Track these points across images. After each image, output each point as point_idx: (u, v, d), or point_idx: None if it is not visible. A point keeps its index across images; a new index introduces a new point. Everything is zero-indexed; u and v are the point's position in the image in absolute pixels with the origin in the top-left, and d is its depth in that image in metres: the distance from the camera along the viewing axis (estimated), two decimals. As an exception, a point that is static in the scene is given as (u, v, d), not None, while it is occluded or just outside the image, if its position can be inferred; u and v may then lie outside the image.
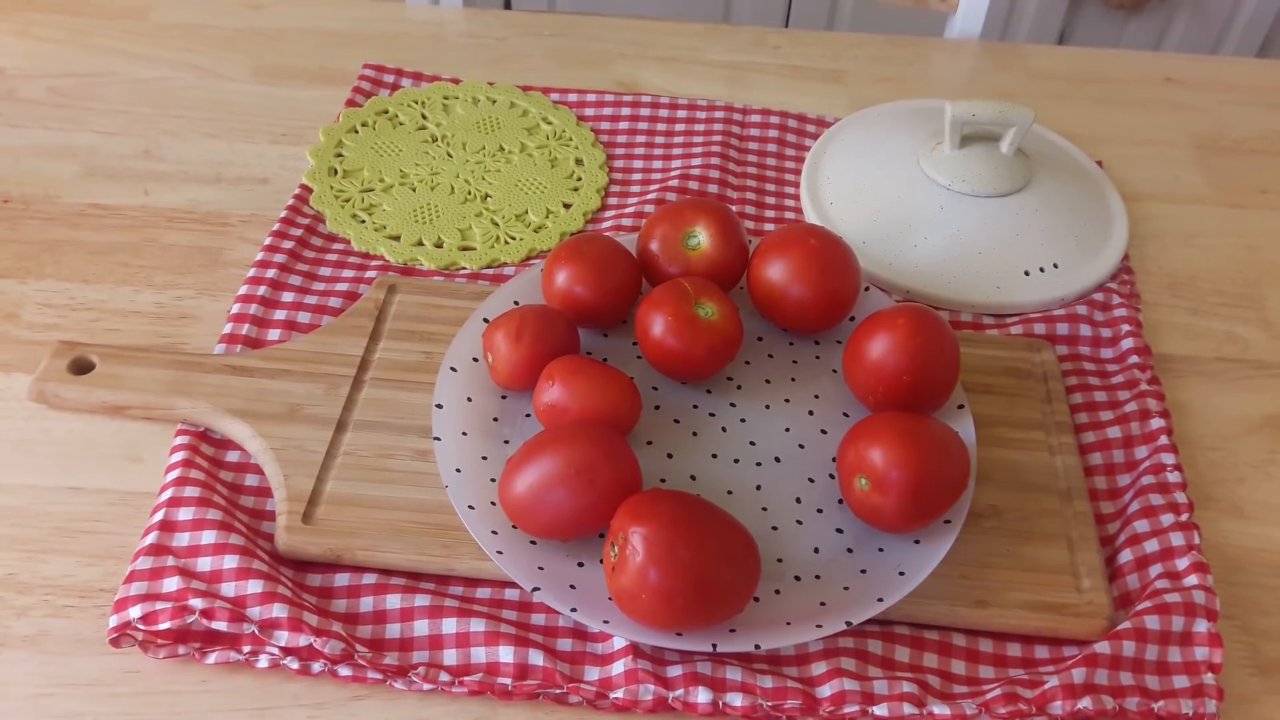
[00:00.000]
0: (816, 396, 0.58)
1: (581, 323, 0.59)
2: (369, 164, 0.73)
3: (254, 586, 0.49)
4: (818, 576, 0.51)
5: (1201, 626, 0.50)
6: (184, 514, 0.52)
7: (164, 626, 0.48)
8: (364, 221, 0.69)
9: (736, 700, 0.48)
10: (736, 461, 0.55)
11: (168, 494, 0.53)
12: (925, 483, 0.50)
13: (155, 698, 0.48)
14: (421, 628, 0.50)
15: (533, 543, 0.51)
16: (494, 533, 0.51)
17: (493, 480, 0.53)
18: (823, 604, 0.50)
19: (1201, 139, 0.80)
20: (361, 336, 0.60)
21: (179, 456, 0.55)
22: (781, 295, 0.59)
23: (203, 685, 0.49)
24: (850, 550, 0.52)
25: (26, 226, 0.68)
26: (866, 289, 0.62)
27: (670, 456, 0.55)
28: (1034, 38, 1.00)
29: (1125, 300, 0.66)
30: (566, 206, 0.71)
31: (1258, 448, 0.61)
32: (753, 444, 0.56)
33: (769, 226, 0.72)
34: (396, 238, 0.68)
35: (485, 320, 0.59)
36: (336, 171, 0.72)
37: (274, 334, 0.62)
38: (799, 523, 0.53)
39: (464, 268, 0.67)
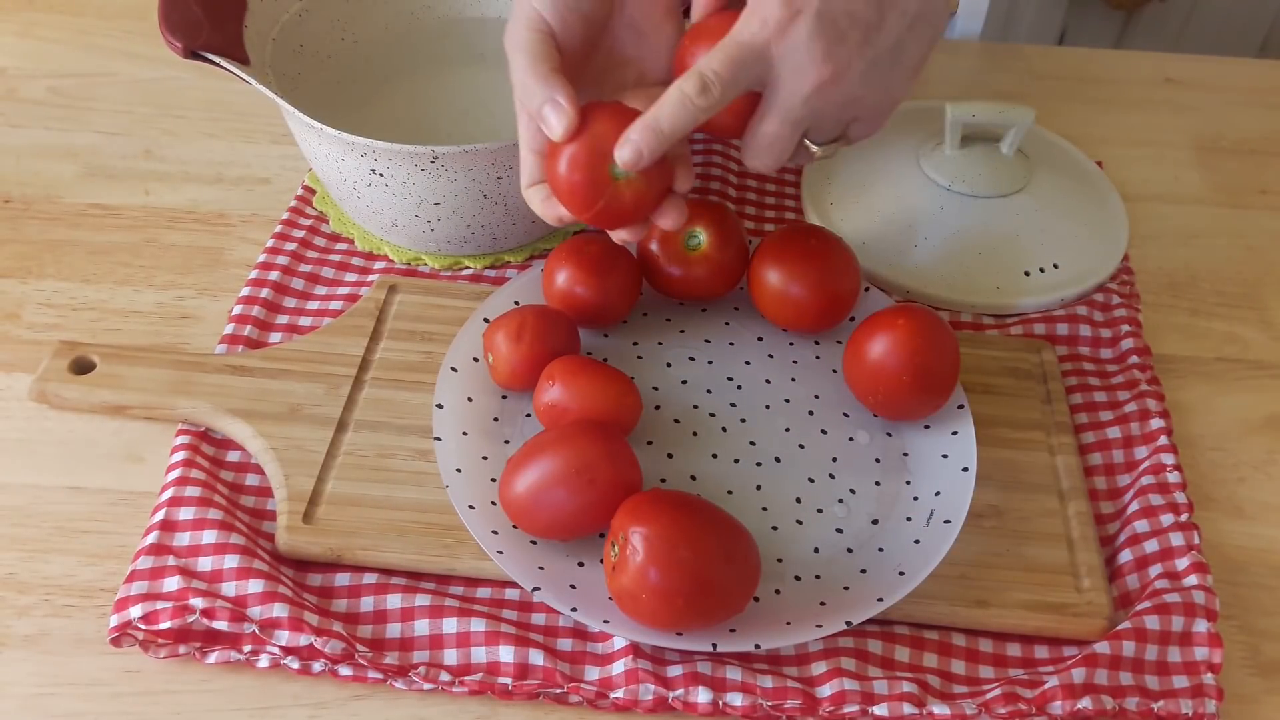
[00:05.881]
0: (816, 397, 0.58)
1: (582, 323, 0.59)
2: (369, 164, 0.73)
3: (254, 586, 0.49)
4: (818, 576, 0.51)
5: (1201, 626, 0.50)
6: (185, 514, 0.52)
7: (164, 626, 0.48)
8: (365, 221, 0.69)
9: (737, 700, 0.48)
10: (737, 461, 0.55)
11: (168, 494, 0.53)
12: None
13: (156, 697, 0.48)
14: (422, 627, 0.50)
15: (533, 542, 0.51)
16: (494, 532, 0.51)
17: (493, 480, 0.53)
18: (823, 604, 0.50)
19: (1201, 139, 0.80)
20: (362, 336, 0.60)
21: (180, 456, 0.55)
22: (782, 295, 0.59)
23: (203, 685, 0.49)
24: (850, 550, 0.52)
25: (27, 226, 0.68)
26: (866, 289, 0.62)
27: (670, 456, 0.55)
28: (1034, 38, 1.00)
29: (1125, 300, 0.66)
30: (567, 207, 0.71)
31: (1258, 448, 0.61)
32: (753, 444, 0.56)
33: (769, 227, 0.72)
34: (397, 238, 0.68)
35: (486, 320, 0.59)
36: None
37: (276, 335, 0.62)
38: (799, 523, 0.53)
39: (467, 267, 0.67)
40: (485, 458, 0.54)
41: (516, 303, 0.61)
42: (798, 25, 0.46)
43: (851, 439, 0.57)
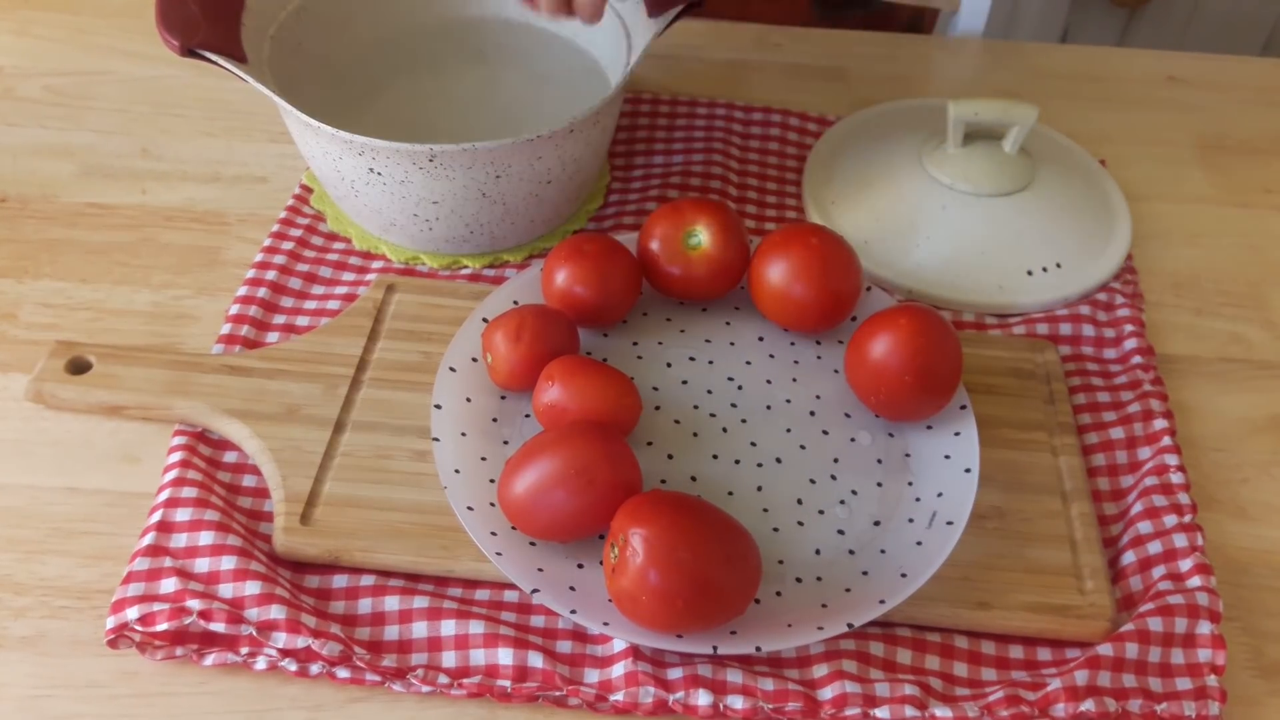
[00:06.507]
0: (818, 397, 0.58)
1: (581, 323, 0.59)
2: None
3: (251, 588, 0.49)
4: (819, 578, 0.51)
5: (1204, 628, 0.50)
6: (181, 515, 0.52)
7: (161, 628, 0.48)
8: (363, 220, 0.69)
9: (737, 703, 0.47)
10: (737, 462, 0.55)
11: (165, 495, 0.53)
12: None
13: (152, 699, 0.48)
14: (420, 629, 0.50)
15: (532, 544, 0.51)
16: (493, 534, 0.50)
17: (492, 481, 0.53)
18: (824, 606, 0.49)
19: (1205, 138, 0.80)
20: (360, 336, 0.60)
21: (176, 457, 0.55)
22: (783, 295, 0.58)
23: (200, 687, 0.48)
24: (852, 552, 0.52)
25: (24, 226, 0.68)
26: (868, 289, 0.62)
27: (671, 457, 0.55)
28: (1036, 36, 1.00)
29: (1128, 300, 0.66)
30: (566, 205, 0.71)
31: (1261, 449, 0.60)
32: (754, 445, 0.56)
33: (770, 226, 0.71)
34: (396, 237, 0.68)
35: (484, 320, 0.59)
36: (336, 170, 0.72)
37: (273, 335, 0.62)
38: (800, 524, 0.53)
39: (465, 267, 0.66)
40: (484, 458, 0.54)
41: (515, 302, 0.60)
42: None
43: (853, 440, 0.56)
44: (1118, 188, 0.73)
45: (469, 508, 0.51)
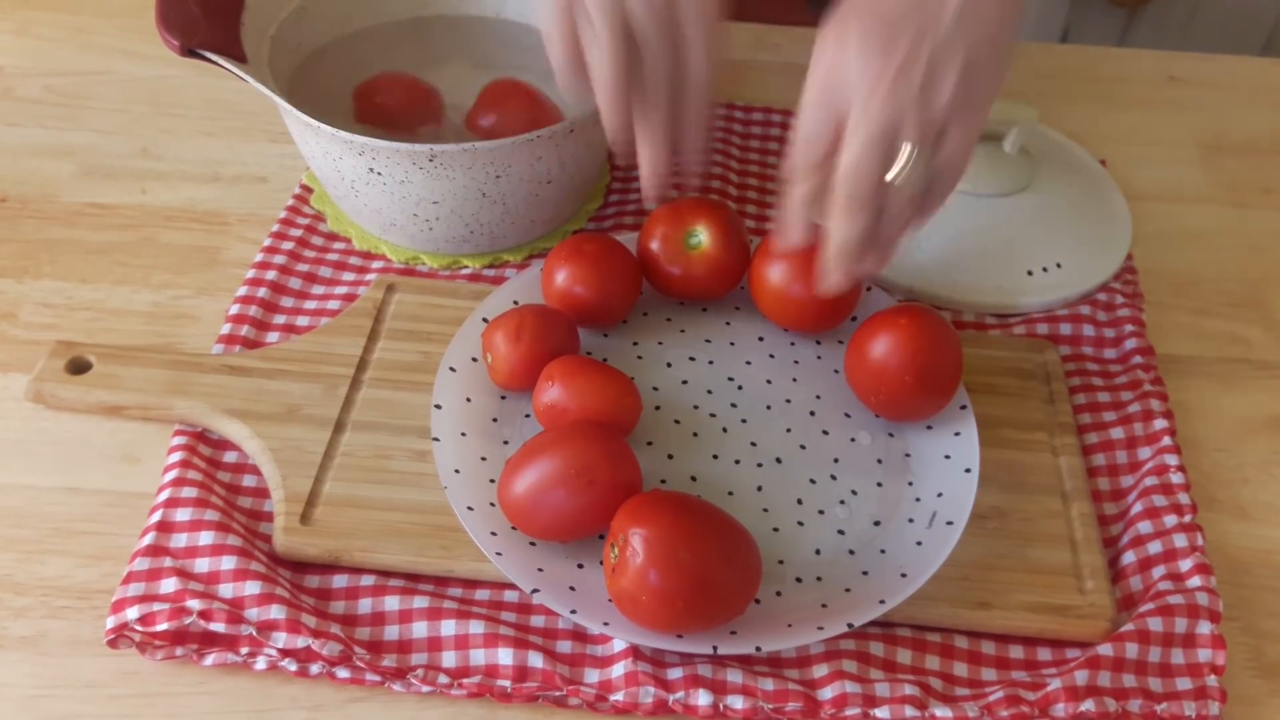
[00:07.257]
0: (818, 397, 0.58)
1: (581, 323, 0.59)
2: (368, 163, 0.72)
3: (251, 588, 0.49)
4: (819, 578, 0.51)
5: (1204, 628, 0.50)
6: (181, 515, 0.52)
7: (161, 628, 0.48)
8: (363, 220, 0.69)
9: (737, 703, 0.47)
10: (737, 462, 0.55)
11: (165, 495, 0.53)
12: None
13: (152, 699, 0.48)
14: (420, 629, 0.49)
15: (532, 544, 0.51)
16: (493, 534, 0.50)
17: (492, 481, 0.53)
18: (824, 606, 0.49)
19: (1205, 138, 0.80)
20: (360, 336, 0.60)
21: (176, 457, 0.55)
22: (783, 295, 0.58)
23: (200, 687, 0.48)
24: (852, 552, 0.52)
25: (24, 226, 0.68)
26: (868, 288, 0.62)
27: (671, 457, 0.55)
28: (1036, 36, 1.00)
29: (1129, 300, 0.66)
30: (567, 205, 0.71)
31: (1261, 449, 0.60)
32: (754, 445, 0.56)
33: (770, 226, 0.71)
34: (396, 237, 0.68)
35: (484, 320, 0.59)
36: (336, 170, 0.72)
37: (273, 335, 0.62)
38: (800, 524, 0.53)
39: (465, 267, 0.66)
40: (484, 458, 0.54)
41: (515, 302, 0.60)
42: (849, 33, 0.48)
43: (853, 440, 0.56)
44: (1118, 188, 0.73)
45: (469, 508, 0.51)
